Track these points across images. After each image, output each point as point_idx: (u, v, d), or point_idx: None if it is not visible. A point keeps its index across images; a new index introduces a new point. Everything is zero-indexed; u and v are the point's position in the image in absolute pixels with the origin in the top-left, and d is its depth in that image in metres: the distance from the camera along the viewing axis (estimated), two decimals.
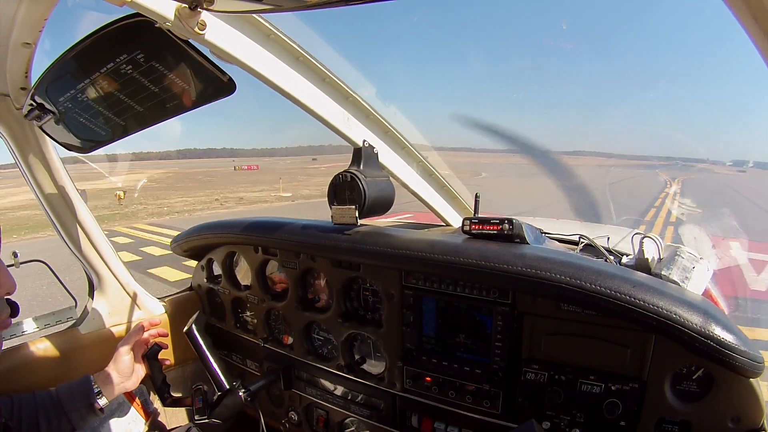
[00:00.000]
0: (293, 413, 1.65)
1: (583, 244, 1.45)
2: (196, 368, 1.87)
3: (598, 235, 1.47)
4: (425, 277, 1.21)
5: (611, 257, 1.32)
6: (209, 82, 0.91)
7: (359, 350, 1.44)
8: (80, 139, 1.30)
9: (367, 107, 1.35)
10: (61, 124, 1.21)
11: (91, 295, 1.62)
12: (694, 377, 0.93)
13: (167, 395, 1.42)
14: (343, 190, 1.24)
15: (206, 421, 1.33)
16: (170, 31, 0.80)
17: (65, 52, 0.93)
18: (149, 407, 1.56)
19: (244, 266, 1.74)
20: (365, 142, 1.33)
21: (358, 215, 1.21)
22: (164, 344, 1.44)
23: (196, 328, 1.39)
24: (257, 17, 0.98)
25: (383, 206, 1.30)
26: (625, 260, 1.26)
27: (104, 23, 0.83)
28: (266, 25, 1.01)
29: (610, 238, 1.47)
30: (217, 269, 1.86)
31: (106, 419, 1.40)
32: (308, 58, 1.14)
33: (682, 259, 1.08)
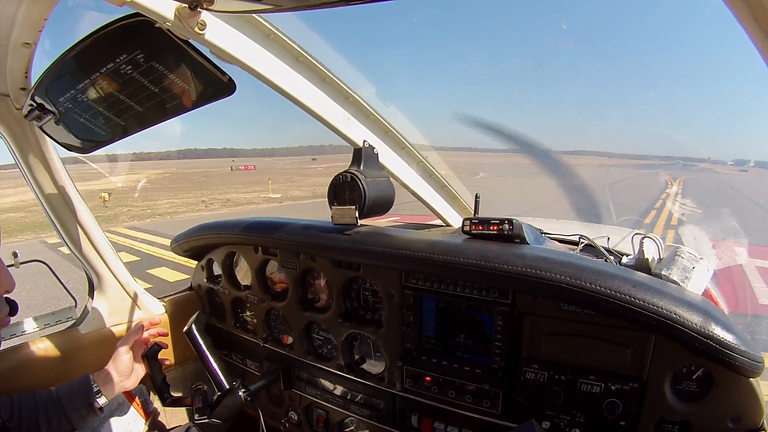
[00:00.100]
0: (293, 413, 1.65)
1: (583, 244, 1.45)
2: (196, 368, 1.87)
3: (598, 235, 1.47)
4: (425, 277, 1.21)
5: (611, 257, 1.32)
6: (209, 82, 0.91)
7: (359, 350, 1.44)
8: (80, 139, 1.30)
9: (367, 107, 1.35)
10: (61, 124, 1.21)
11: (91, 294, 1.62)
12: (694, 377, 0.93)
13: (167, 395, 1.43)
14: (343, 190, 1.24)
15: (206, 421, 1.33)
16: (170, 31, 0.80)
17: (65, 52, 0.93)
18: (149, 407, 1.56)
19: (244, 266, 1.74)
20: (365, 142, 1.33)
21: (358, 215, 1.21)
22: (164, 344, 1.44)
23: (196, 328, 1.39)
24: (257, 17, 0.99)
25: (383, 206, 1.30)
26: (625, 260, 1.26)
27: (104, 23, 0.83)
28: (266, 25, 1.01)
29: (610, 238, 1.47)
30: (217, 269, 1.86)
31: (106, 419, 1.40)
32: (308, 58, 1.14)
33: (682, 259, 1.08)
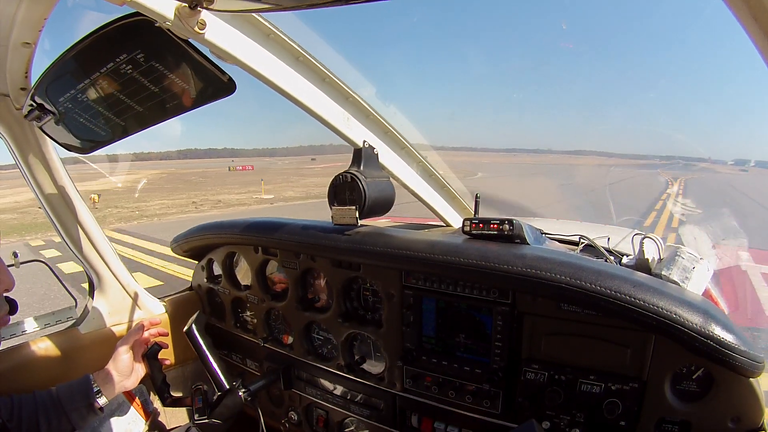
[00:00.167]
0: (293, 413, 1.65)
1: (583, 244, 1.45)
2: (196, 368, 1.87)
3: (598, 235, 1.47)
4: (425, 277, 1.21)
5: (611, 257, 1.32)
6: (209, 81, 0.91)
7: (359, 350, 1.44)
8: (80, 139, 1.30)
9: (367, 107, 1.35)
10: (61, 124, 1.21)
11: (91, 294, 1.62)
12: (694, 377, 0.93)
13: (167, 395, 1.43)
14: (343, 190, 1.24)
15: (206, 421, 1.33)
16: (170, 30, 0.80)
17: (65, 52, 0.93)
18: (149, 407, 1.56)
19: (244, 266, 1.74)
20: (365, 142, 1.33)
21: (358, 216, 1.21)
22: (164, 344, 1.44)
23: (196, 327, 1.39)
24: (257, 17, 0.98)
25: (383, 207, 1.30)
26: (625, 260, 1.26)
27: (104, 23, 0.83)
28: (266, 24, 1.01)
29: (610, 238, 1.47)
30: (217, 269, 1.86)
31: (106, 419, 1.40)
32: (308, 58, 1.14)
33: (682, 259, 1.08)
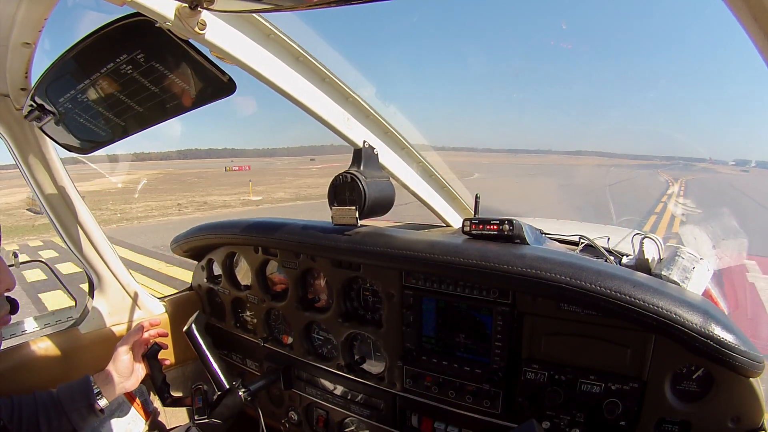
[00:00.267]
0: (293, 413, 1.65)
1: (583, 244, 1.45)
2: (196, 368, 1.87)
3: (598, 235, 1.47)
4: (425, 277, 1.21)
5: (611, 257, 1.32)
6: (209, 82, 0.91)
7: (359, 350, 1.44)
8: (80, 139, 1.30)
9: (367, 107, 1.35)
10: (61, 124, 1.21)
11: (91, 294, 1.62)
12: (694, 377, 0.93)
13: (167, 395, 1.43)
14: (343, 190, 1.24)
15: (206, 420, 1.33)
16: (170, 30, 0.80)
17: (65, 52, 0.93)
18: (149, 407, 1.56)
19: (244, 266, 1.74)
20: (365, 142, 1.33)
21: (358, 216, 1.21)
22: (164, 344, 1.44)
23: (196, 327, 1.39)
24: (257, 17, 0.99)
25: (383, 207, 1.30)
26: (625, 260, 1.26)
27: (104, 23, 0.83)
28: (266, 25, 1.01)
29: (610, 238, 1.47)
30: (217, 269, 1.86)
31: (106, 419, 1.40)
32: (308, 58, 1.14)
33: (682, 259, 1.08)
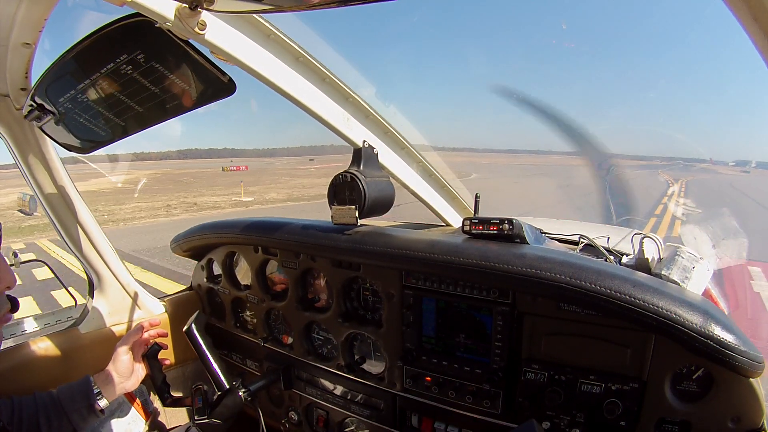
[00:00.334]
0: (293, 413, 1.65)
1: (583, 244, 1.45)
2: (196, 368, 1.87)
3: (598, 235, 1.47)
4: (425, 277, 1.21)
5: (611, 257, 1.31)
6: (209, 82, 0.91)
7: (359, 350, 1.44)
8: (80, 139, 1.30)
9: (366, 107, 1.35)
10: (61, 124, 1.21)
11: (91, 294, 1.62)
12: (694, 377, 0.93)
13: (167, 395, 1.43)
14: (343, 190, 1.24)
15: (206, 420, 1.33)
16: (170, 31, 0.80)
17: (65, 52, 0.93)
18: (149, 407, 1.56)
19: (244, 266, 1.74)
20: (365, 142, 1.33)
21: (358, 215, 1.21)
22: (164, 344, 1.44)
23: (196, 327, 1.39)
24: (257, 17, 0.98)
25: (383, 206, 1.30)
26: (625, 260, 1.26)
27: (104, 23, 0.83)
28: (266, 25, 1.01)
29: (610, 238, 1.47)
30: (217, 269, 1.86)
31: (106, 419, 1.40)
32: (308, 58, 1.14)
33: (682, 259, 1.08)
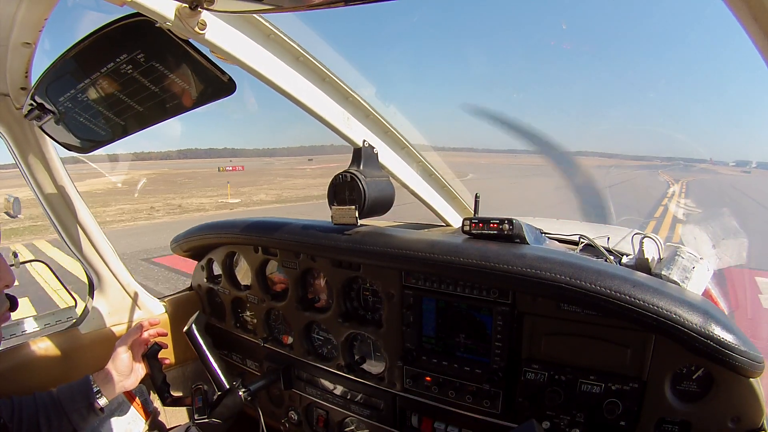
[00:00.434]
0: (293, 413, 1.65)
1: (583, 244, 1.45)
2: (196, 368, 1.87)
3: (598, 235, 1.47)
4: (425, 277, 1.21)
5: (611, 257, 1.31)
6: (209, 81, 0.91)
7: (359, 350, 1.44)
8: (80, 139, 1.30)
9: (366, 107, 1.35)
10: (61, 124, 1.21)
11: (91, 294, 1.62)
12: (694, 377, 0.93)
13: (167, 395, 1.43)
14: (343, 190, 1.24)
15: (206, 420, 1.33)
16: (170, 30, 0.80)
17: (65, 52, 0.93)
18: (149, 407, 1.56)
19: (244, 266, 1.74)
20: (365, 142, 1.33)
21: (358, 215, 1.21)
22: (164, 344, 1.44)
23: (196, 327, 1.39)
24: (257, 17, 0.98)
25: (383, 206, 1.30)
26: (625, 260, 1.26)
27: (104, 23, 0.83)
28: (266, 25, 1.01)
29: (610, 238, 1.46)
30: (217, 269, 1.86)
31: (106, 419, 1.40)
32: (308, 58, 1.14)
33: (682, 259, 1.08)
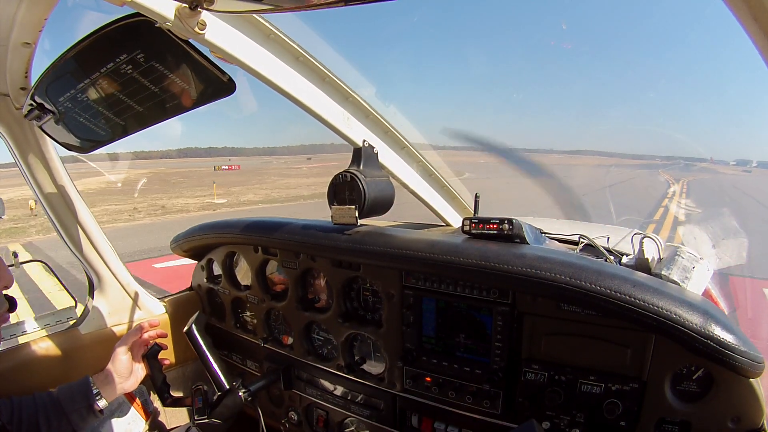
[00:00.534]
0: (293, 413, 1.65)
1: (583, 244, 1.45)
2: (196, 368, 1.87)
3: (598, 235, 1.47)
4: (425, 277, 1.21)
5: (611, 257, 1.31)
6: (209, 81, 0.91)
7: (359, 350, 1.44)
8: (80, 138, 1.30)
9: (366, 107, 1.35)
10: (60, 123, 1.21)
11: (91, 294, 1.62)
12: (694, 377, 0.93)
13: (167, 395, 1.43)
14: (343, 190, 1.24)
15: (206, 421, 1.33)
16: (170, 30, 0.80)
17: (65, 52, 0.93)
18: (149, 407, 1.56)
19: (244, 266, 1.74)
20: (365, 141, 1.33)
21: (358, 215, 1.21)
22: (164, 344, 1.44)
23: (196, 328, 1.39)
24: (257, 17, 0.98)
25: (383, 206, 1.30)
26: (625, 260, 1.26)
27: (104, 23, 0.83)
28: (266, 25, 1.01)
29: (610, 238, 1.46)
30: (217, 269, 1.86)
31: (106, 419, 1.40)
32: (308, 58, 1.14)
33: (682, 259, 1.08)
